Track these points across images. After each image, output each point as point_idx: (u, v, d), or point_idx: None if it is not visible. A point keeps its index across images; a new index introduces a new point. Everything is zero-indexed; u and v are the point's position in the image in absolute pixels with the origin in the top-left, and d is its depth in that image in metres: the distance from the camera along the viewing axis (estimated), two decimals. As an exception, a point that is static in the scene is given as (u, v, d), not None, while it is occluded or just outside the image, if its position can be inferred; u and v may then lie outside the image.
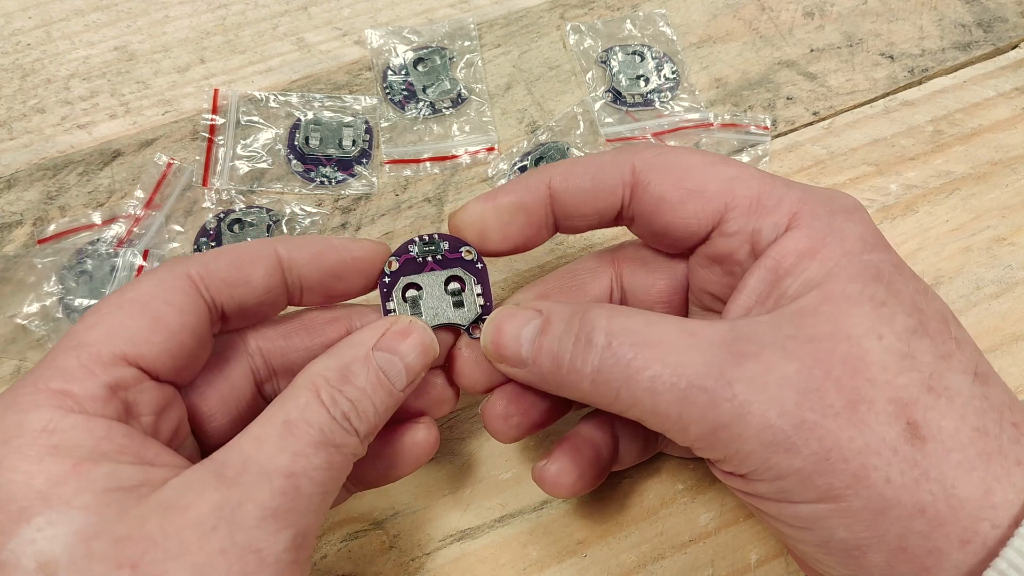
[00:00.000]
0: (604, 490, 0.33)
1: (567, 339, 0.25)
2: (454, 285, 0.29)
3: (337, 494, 0.25)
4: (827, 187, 0.28)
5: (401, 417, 0.29)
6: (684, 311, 0.31)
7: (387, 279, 0.29)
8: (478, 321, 0.29)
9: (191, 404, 0.26)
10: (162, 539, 0.20)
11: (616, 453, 0.30)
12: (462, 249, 0.29)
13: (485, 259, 0.29)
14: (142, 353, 0.23)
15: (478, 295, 0.29)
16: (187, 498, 0.21)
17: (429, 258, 0.29)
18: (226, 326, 0.27)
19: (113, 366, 0.23)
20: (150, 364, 0.23)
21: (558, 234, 0.30)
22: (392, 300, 0.28)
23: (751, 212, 0.26)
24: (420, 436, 0.29)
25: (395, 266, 0.29)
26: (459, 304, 0.29)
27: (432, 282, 0.29)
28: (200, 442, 0.27)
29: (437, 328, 0.28)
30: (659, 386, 0.23)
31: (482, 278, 0.29)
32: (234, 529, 0.21)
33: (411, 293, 0.29)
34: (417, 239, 0.29)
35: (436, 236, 0.29)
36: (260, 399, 0.28)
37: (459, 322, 0.29)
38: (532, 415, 0.29)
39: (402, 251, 0.29)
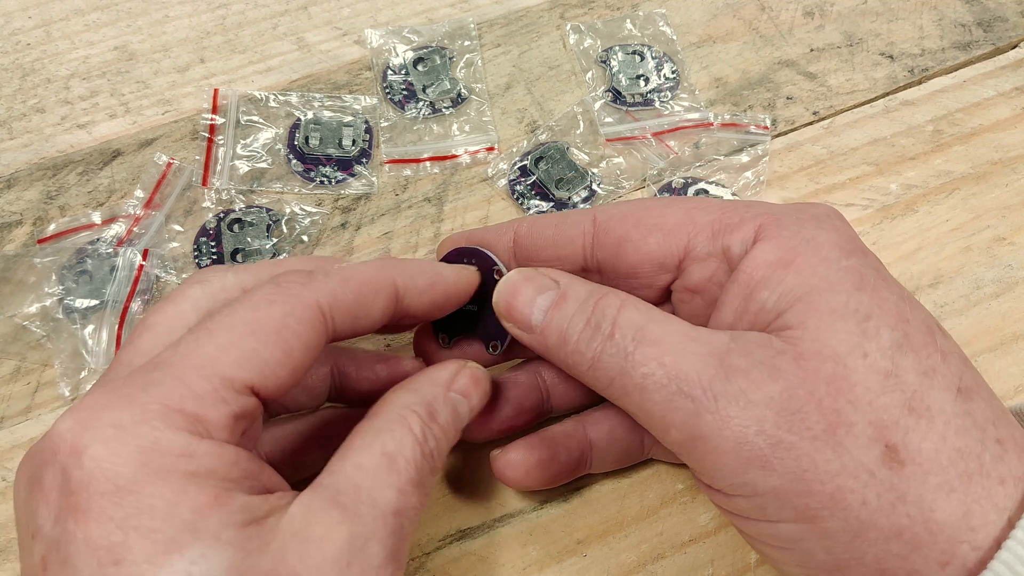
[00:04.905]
0: (604, 490, 0.33)
1: (578, 320, 0.26)
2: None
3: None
4: (799, 201, 0.28)
5: None
6: None
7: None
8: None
9: None
10: (304, 573, 0.21)
11: (586, 459, 0.31)
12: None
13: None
14: (268, 385, 0.23)
15: None
16: (318, 530, 0.21)
17: None
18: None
19: (243, 395, 0.22)
20: (267, 394, 0.23)
21: None
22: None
23: (716, 234, 0.27)
24: None
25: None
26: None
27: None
28: None
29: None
30: (650, 384, 0.24)
31: None
32: (365, 568, 0.21)
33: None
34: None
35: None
36: None
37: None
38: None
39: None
